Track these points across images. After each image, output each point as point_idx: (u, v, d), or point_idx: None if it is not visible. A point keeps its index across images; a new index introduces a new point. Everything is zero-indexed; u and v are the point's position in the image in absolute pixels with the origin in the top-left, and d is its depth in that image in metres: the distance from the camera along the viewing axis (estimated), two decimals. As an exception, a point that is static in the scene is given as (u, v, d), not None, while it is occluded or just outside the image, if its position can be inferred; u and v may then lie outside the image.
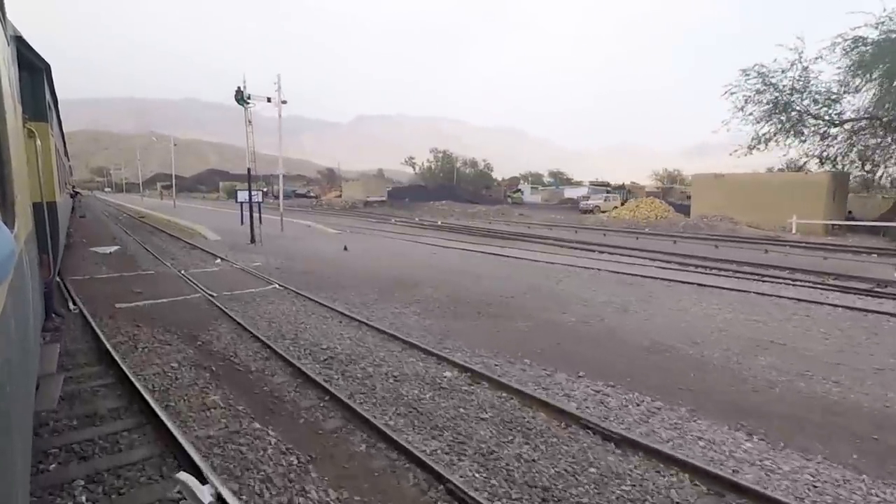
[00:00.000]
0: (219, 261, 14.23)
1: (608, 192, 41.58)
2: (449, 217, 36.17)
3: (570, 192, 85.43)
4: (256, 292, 10.04)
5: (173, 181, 51.04)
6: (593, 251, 17.36)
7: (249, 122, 18.23)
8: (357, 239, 20.85)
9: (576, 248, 18.07)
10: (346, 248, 16.78)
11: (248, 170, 18.54)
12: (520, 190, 70.57)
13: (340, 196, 60.52)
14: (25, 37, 5.69)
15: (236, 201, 23.50)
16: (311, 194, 73.64)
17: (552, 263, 14.10)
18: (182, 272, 12.13)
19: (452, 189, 61.06)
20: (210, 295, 9.60)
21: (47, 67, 6.92)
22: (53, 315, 7.48)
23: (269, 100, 19.27)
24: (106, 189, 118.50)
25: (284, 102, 19.93)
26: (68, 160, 33.09)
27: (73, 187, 48.70)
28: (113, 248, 16.87)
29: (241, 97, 17.98)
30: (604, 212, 36.39)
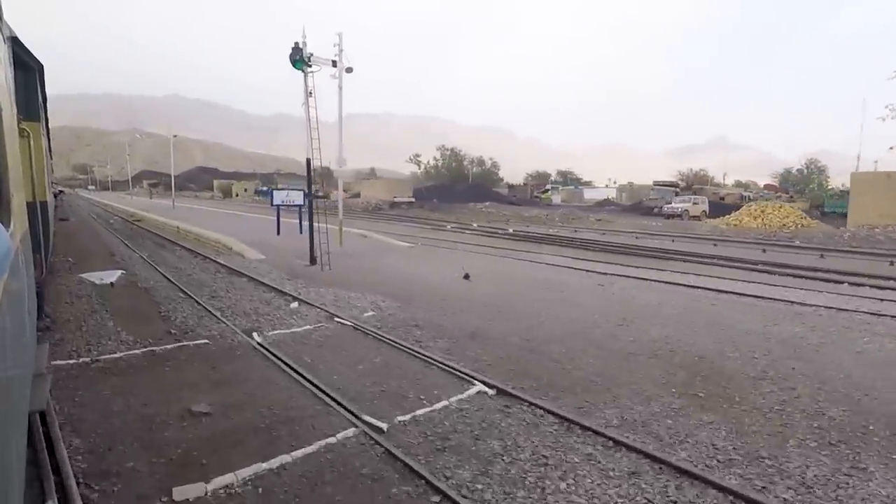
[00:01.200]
0: (296, 304, 8.82)
1: (676, 193, 36.76)
2: (510, 222, 30.81)
3: (588, 194, 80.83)
4: (458, 411, 4.69)
5: (172, 180, 44.77)
6: (815, 280, 12.29)
7: (310, 93, 12.80)
8: (447, 256, 15.53)
9: (787, 276, 12.93)
10: (467, 277, 11.42)
11: (308, 161, 13.10)
12: (548, 190, 65.52)
13: (359, 196, 54.78)
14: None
15: (271, 204, 18.05)
16: (320, 194, 67.82)
17: (841, 310, 8.92)
18: (257, 338, 6.72)
19: (480, 188, 55.65)
20: (373, 427, 4.25)
21: (40, 67, 6.95)
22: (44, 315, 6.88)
23: (333, 64, 13.84)
24: (89, 187, 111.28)
25: (349, 70, 14.53)
26: (52, 159, 27.83)
27: (57, 186, 42.69)
28: (115, 275, 11.35)
29: (299, 58, 12.55)
30: (693, 217, 31.55)
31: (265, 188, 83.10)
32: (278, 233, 18.09)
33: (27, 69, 6.39)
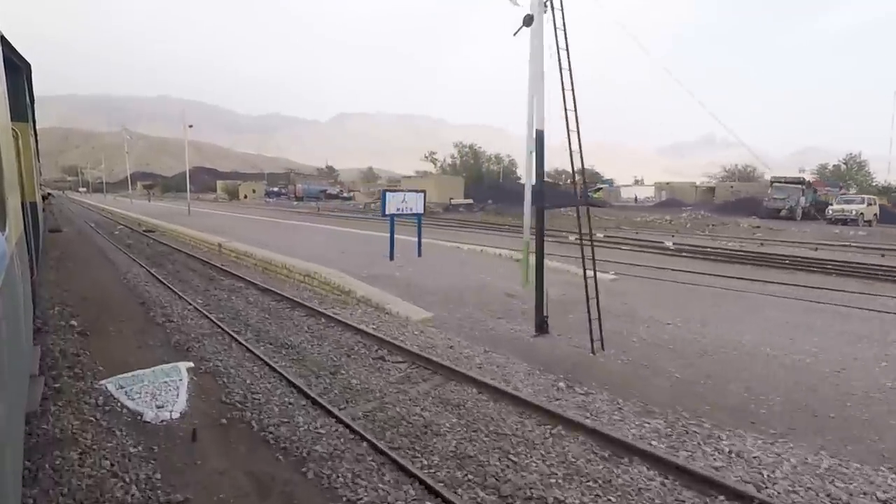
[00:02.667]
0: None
1: (803, 192, 30.78)
2: (628, 229, 24.58)
3: (625, 192, 74.99)
4: None
5: (187, 181, 37.64)
6: None
7: (546, 3, 6.57)
8: (713, 302, 9.39)
9: None
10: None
11: (540, 135, 6.85)
12: (600, 189, 59.34)
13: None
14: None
15: (383, 214, 11.72)
16: (344, 194, 61.03)
17: None
18: None
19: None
20: None
21: (28, 67, 6.80)
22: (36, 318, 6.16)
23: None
24: (80, 189, 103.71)
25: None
26: (39, 160, 21.95)
27: (45, 188, 36.24)
28: (181, 383, 5.10)
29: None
30: (866, 222, 25.71)
31: (276, 189, 76.43)
32: (392, 256, 11.78)
33: (14, 69, 6.10)
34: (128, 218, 30.88)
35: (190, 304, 8.59)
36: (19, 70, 6.40)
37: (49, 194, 44.65)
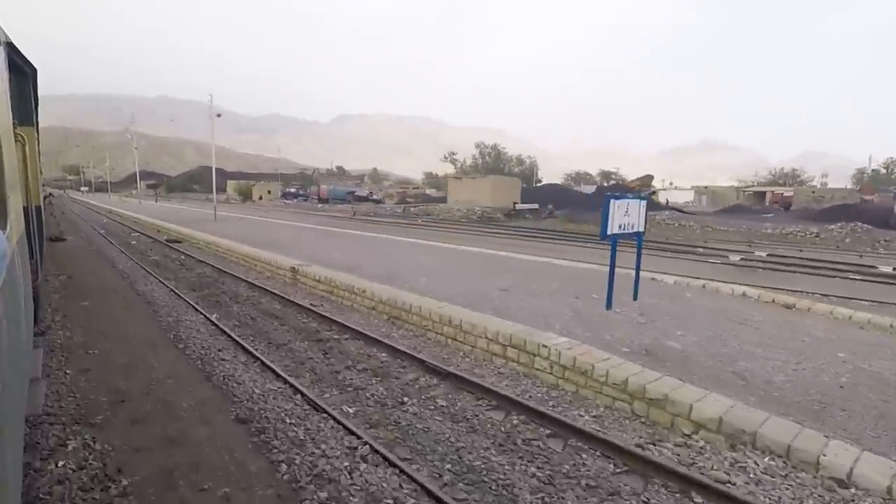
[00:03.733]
0: None
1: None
2: (785, 246, 19.98)
3: (661, 196, 70.66)
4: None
5: (213, 179, 32.67)
6: None
7: None
8: None
9: None
10: None
11: None
12: (655, 192, 54.88)
13: (444, 201, 43.02)
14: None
15: (603, 235, 7.12)
16: (374, 196, 56.51)
17: None
18: None
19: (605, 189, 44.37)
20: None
21: (34, 72, 6.76)
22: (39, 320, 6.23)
23: None
24: (83, 188, 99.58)
25: None
26: (41, 161, 17.97)
27: (46, 188, 31.90)
28: None
29: None
30: None
31: (292, 190, 71.97)
32: (609, 303, 7.27)
33: (21, 74, 6.03)
34: (141, 222, 26.52)
35: (346, 430, 4.23)
36: (26, 75, 6.29)
37: (50, 194, 40.36)
